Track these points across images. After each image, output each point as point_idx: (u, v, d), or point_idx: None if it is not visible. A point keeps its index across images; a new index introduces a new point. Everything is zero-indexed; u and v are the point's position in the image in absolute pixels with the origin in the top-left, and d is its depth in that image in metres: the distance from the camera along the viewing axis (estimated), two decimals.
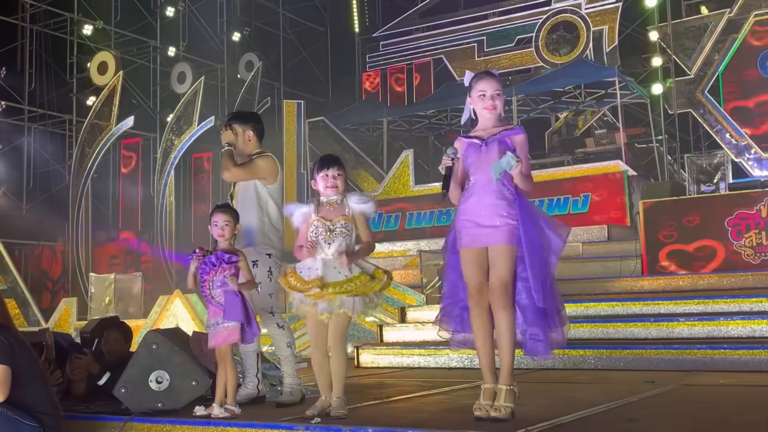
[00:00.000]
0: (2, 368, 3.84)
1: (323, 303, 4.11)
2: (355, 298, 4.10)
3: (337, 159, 4.38)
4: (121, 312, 12.25)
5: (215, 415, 4.33)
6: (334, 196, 4.28)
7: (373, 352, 8.00)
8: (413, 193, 13.88)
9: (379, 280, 4.15)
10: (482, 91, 4.00)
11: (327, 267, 4.14)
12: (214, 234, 4.52)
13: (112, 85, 15.40)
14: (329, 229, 4.20)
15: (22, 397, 3.91)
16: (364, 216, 4.25)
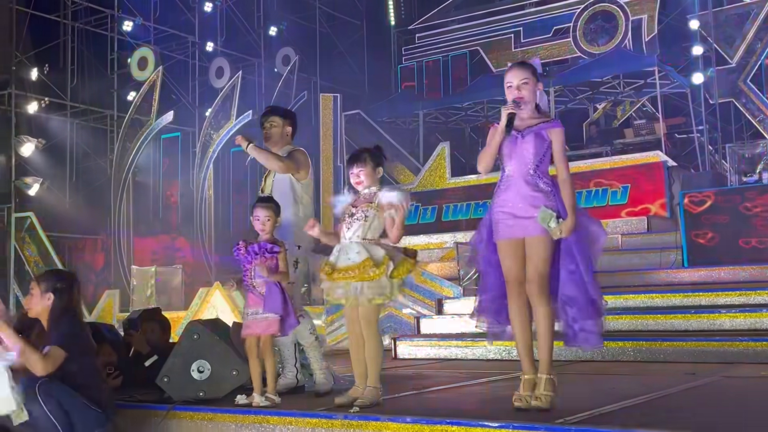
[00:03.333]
0: (61, 353, 4.03)
1: (340, 288, 4.16)
2: (363, 284, 4.13)
3: (357, 155, 4.39)
4: (162, 304, 12.46)
5: (256, 404, 4.40)
6: (366, 189, 4.32)
7: (411, 344, 8.02)
8: (450, 185, 13.85)
9: (384, 268, 4.13)
10: (509, 82, 4.00)
11: (340, 252, 4.22)
12: (256, 228, 4.60)
13: (152, 80, 15.62)
14: (351, 215, 4.26)
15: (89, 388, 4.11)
16: (392, 207, 4.25)
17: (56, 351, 4.04)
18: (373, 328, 4.25)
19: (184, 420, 4.57)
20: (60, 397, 3.93)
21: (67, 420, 3.95)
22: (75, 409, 3.98)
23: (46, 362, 4.00)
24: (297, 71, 16.98)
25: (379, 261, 4.13)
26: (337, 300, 4.28)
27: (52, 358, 4.02)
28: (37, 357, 4.01)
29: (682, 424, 3.25)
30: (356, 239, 4.21)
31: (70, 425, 3.96)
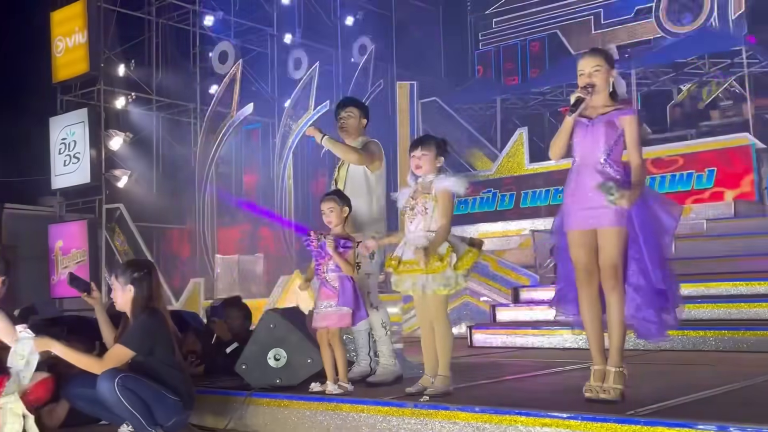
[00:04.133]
0: (127, 352, 4.20)
1: (408, 280, 4.20)
2: (428, 276, 4.15)
3: (423, 140, 4.43)
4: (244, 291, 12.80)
5: (329, 392, 4.51)
6: (426, 177, 4.34)
7: (486, 333, 8.04)
8: (528, 171, 13.69)
9: (447, 260, 4.13)
10: (581, 69, 3.95)
11: (406, 245, 4.27)
12: (324, 221, 4.67)
13: (232, 73, 15.97)
14: (411, 208, 4.29)
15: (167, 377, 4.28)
16: (445, 195, 4.24)
17: (118, 351, 4.23)
18: (442, 317, 4.29)
19: (261, 406, 4.72)
20: (138, 389, 4.11)
21: (147, 409, 4.14)
22: (153, 399, 4.16)
23: (103, 363, 4.18)
24: (373, 60, 17.05)
25: (441, 253, 4.16)
26: (406, 291, 4.33)
27: (112, 359, 4.20)
28: (91, 362, 4.22)
29: (759, 419, 3.16)
30: (419, 232, 4.24)
31: (150, 414, 4.15)
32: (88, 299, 4.53)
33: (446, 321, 4.32)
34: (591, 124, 3.90)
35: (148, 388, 4.16)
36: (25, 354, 4.00)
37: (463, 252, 4.22)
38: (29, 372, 4.07)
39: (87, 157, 14.86)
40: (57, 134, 15.50)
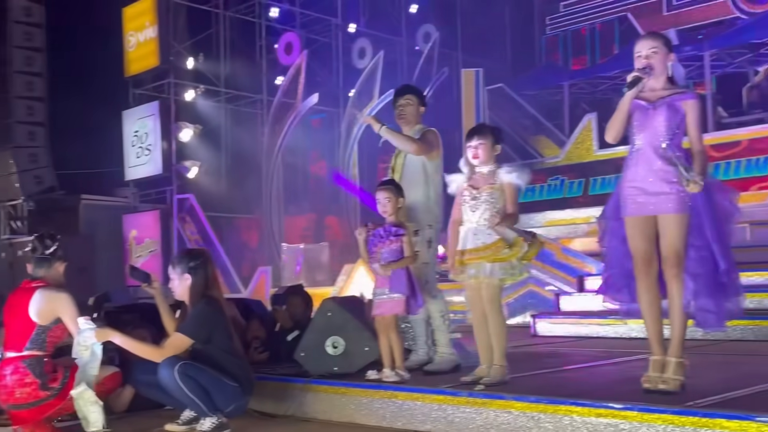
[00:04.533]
0: (185, 340, 4.30)
1: (471, 269, 4.17)
2: (493, 264, 4.12)
3: (479, 129, 4.39)
4: (310, 280, 12.97)
5: (385, 380, 4.52)
6: (484, 167, 4.30)
7: (550, 321, 7.94)
8: (597, 157, 13.41)
9: (517, 249, 4.11)
10: (637, 52, 3.85)
11: (469, 234, 4.23)
12: (379, 211, 4.68)
13: (298, 64, 16.12)
14: (474, 197, 4.25)
15: (225, 364, 4.36)
16: (512, 187, 4.24)
17: (177, 339, 4.32)
18: (496, 306, 4.25)
19: (319, 393, 4.78)
20: (197, 376, 4.20)
21: (207, 395, 4.23)
22: (212, 386, 4.25)
23: (163, 352, 4.27)
24: (438, 47, 16.96)
25: (510, 242, 4.13)
26: (467, 280, 4.29)
27: (171, 348, 4.29)
28: (151, 351, 4.32)
29: None
30: (484, 222, 4.21)
31: (210, 399, 4.24)
32: (148, 289, 4.64)
33: (500, 311, 4.28)
34: (651, 107, 3.80)
35: (207, 374, 4.25)
36: (88, 345, 4.14)
37: (530, 243, 4.18)
38: (96, 362, 4.21)
39: (158, 149, 15.25)
40: (130, 127, 15.95)
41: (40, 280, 4.36)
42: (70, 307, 4.25)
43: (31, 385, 4.15)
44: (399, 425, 4.29)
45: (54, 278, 4.41)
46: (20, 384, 4.15)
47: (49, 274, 4.41)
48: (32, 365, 4.19)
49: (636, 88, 3.75)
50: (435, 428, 4.13)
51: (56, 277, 4.42)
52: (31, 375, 4.16)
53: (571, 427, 3.58)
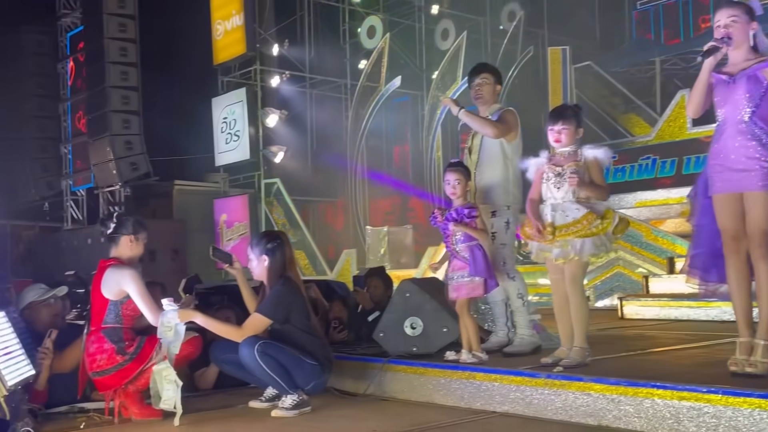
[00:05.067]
0: (264, 320, 4.40)
1: (556, 248, 4.08)
2: (584, 240, 4.01)
3: (563, 113, 4.26)
4: (394, 262, 13.03)
5: (463, 361, 4.51)
6: (563, 149, 4.20)
7: (638, 304, 7.73)
8: (691, 135, 12.93)
9: (610, 220, 3.99)
10: (717, 20, 3.67)
11: (555, 211, 4.14)
12: (447, 192, 4.64)
13: (380, 47, 16.14)
14: (558, 174, 4.16)
15: (304, 343, 4.45)
16: (597, 162, 4.13)
17: (256, 320, 4.41)
18: (578, 286, 4.16)
19: (398, 373, 4.80)
20: (277, 354, 4.29)
21: (287, 373, 4.32)
22: (292, 364, 4.34)
23: (243, 332, 4.37)
24: (523, 26, 16.66)
25: (601, 214, 4.04)
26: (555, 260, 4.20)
27: (250, 328, 4.39)
28: (232, 331, 4.43)
29: None
30: (569, 198, 4.12)
31: (290, 377, 4.33)
32: (230, 270, 4.75)
33: (582, 292, 4.18)
34: (732, 81, 3.63)
35: (286, 353, 4.33)
36: (172, 325, 4.28)
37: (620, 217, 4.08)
38: (179, 341, 4.34)
39: (246, 135, 15.60)
40: (219, 114, 16.37)
41: (112, 259, 4.53)
42: (133, 282, 4.38)
43: (108, 351, 4.33)
44: (477, 406, 4.27)
45: (126, 255, 4.54)
46: (99, 351, 4.34)
47: (119, 251, 4.55)
48: (109, 334, 4.37)
49: (713, 57, 3.59)
50: (513, 409, 4.09)
51: (127, 254, 4.54)
52: (108, 342, 4.34)
53: (652, 410, 3.48)
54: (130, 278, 4.38)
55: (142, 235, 4.58)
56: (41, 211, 18.52)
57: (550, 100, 14.78)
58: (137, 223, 4.59)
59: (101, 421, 4.39)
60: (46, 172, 18.23)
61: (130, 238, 4.52)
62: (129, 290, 4.36)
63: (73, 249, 15.17)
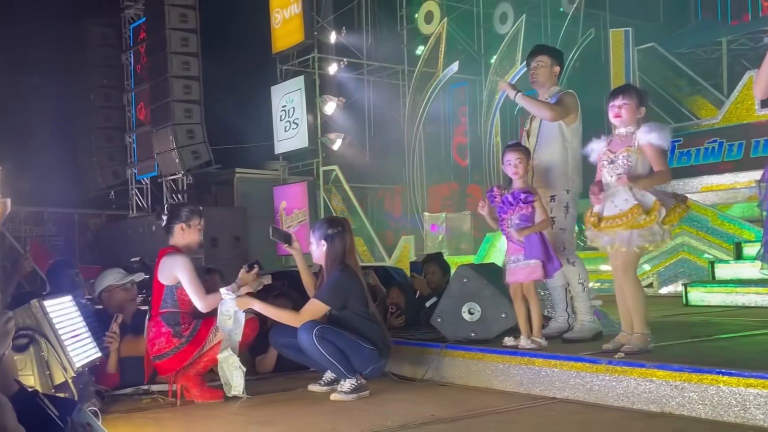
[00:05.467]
0: (322, 307, 4.45)
1: (606, 236, 4.00)
2: (631, 231, 3.91)
3: (624, 88, 4.16)
4: (453, 248, 12.99)
5: (522, 347, 4.47)
6: (621, 128, 4.10)
7: (704, 290, 7.55)
8: (760, 117, 12.52)
9: (655, 213, 3.88)
10: None
11: (606, 200, 4.05)
12: (508, 173, 4.57)
13: (438, 32, 16.04)
14: (612, 161, 4.06)
15: (362, 328, 4.48)
16: (651, 147, 3.98)
17: (313, 306, 4.46)
18: (630, 274, 4.07)
19: (456, 358, 4.78)
20: (334, 339, 4.33)
21: (345, 358, 4.35)
22: (350, 349, 4.37)
23: (300, 317, 4.42)
24: (584, 8, 16.33)
25: (648, 207, 3.93)
26: (604, 248, 4.14)
27: (308, 314, 4.44)
28: (290, 316, 4.49)
29: None
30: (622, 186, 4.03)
31: (348, 362, 4.36)
32: (289, 249, 4.82)
33: (634, 278, 4.09)
34: None
35: (344, 338, 4.36)
36: (231, 313, 4.36)
37: (671, 206, 3.96)
38: (239, 329, 4.43)
39: (304, 123, 15.71)
40: (278, 102, 16.51)
41: (169, 248, 4.63)
42: (184, 269, 4.47)
43: (166, 335, 4.44)
44: (537, 391, 4.23)
45: (180, 243, 4.63)
46: (158, 335, 4.45)
47: (174, 240, 4.64)
48: (166, 318, 4.47)
49: None
50: (573, 395, 4.04)
51: (181, 241, 4.63)
52: (165, 326, 4.45)
53: (717, 396, 3.39)
54: (181, 265, 4.47)
55: (194, 222, 4.65)
56: (107, 200, 19.01)
57: (612, 83, 14.47)
58: (189, 211, 4.68)
59: (165, 402, 4.50)
60: (111, 161, 18.68)
61: (181, 227, 4.62)
62: (180, 276, 4.46)
63: (138, 236, 15.53)
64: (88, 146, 18.71)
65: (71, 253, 15.40)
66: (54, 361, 3.64)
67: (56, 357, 3.64)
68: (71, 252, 15.99)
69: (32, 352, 3.58)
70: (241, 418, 4.06)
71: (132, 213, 17.66)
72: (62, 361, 3.65)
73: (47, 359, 3.62)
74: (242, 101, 17.08)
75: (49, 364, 3.63)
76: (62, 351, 3.68)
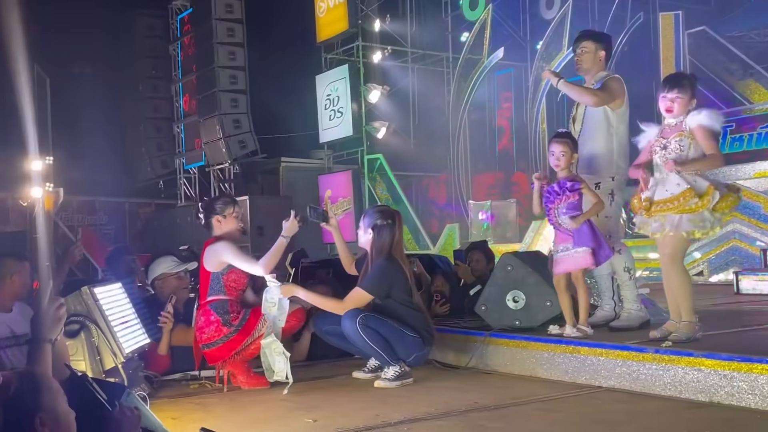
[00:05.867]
0: (365, 295, 4.48)
1: (655, 223, 3.93)
2: (681, 216, 3.84)
3: (679, 81, 4.05)
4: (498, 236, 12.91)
5: (567, 335, 4.43)
6: (671, 120, 4.02)
7: (756, 279, 7.40)
8: None
9: (708, 198, 3.80)
10: None
11: (656, 185, 3.99)
12: (551, 163, 4.52)
13: (483, 18, 15.90)
14: (663, 147, 3.98)
15: (406, 316, 4.51)
16: (702, 129, 3.90)
17: (357, 294, 4.48)
18: (677, 261, 4.00)
19: (500, 346, 4.77)
20: (378, 327, 4.36)
21: (388, 346, 4.38)
22: (393, 337, 4.40)
23: (345, 305, 4.46)
24: None
25: (701, 191, 3.85)
26: (653, 234, 4.08)
27: (352, 302, 4.47)
28: (334, 304, 4.53)
29: None
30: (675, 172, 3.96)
31: (391, 350, 4.39)
32: (326, 227, 4.92)
33: (681, 266, 4.02)
34: None
35: (388, 326, 4.38)
36: (275, 300, 4.41)
37: (724, 194, 3.87)
38: (283, 315, 4.49)
39: (349, 111, 15.73)
40: (322, 91, 16.56)
41: (212, 238, 4.70)
42: (227, 249, 4.54)
43: (215, 323, 4.50)
44: (582, 380, 4.20)
45: (220, 233, 4.70)
46: (207, 324, 4.52)
47: (215, 232, 4.71)
48: (215, 307, 4.54)
49: None
50: (619, 384, 4.00)
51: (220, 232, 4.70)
52: (215, 314, 4.51)
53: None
54: (223, 247, 4.56)
55: (229, 211, 4.71)
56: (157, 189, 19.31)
57: (662, 68, 14.20)
58: (222, 202, 4.76)
59: (212, 388, 4.57)
60: (160, 151, 18.96)
61: (217, 219, 4.69)
62: (226, 257, 4.53)
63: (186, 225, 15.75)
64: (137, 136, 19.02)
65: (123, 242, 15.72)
66: (104, 346, 3.73)
67: (106, 342, 3.73)
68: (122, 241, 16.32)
69: (83, 337, 3.67)
70: (286, 404, 4.11)
71: (180, 202, 17.92)
72: (112, 346, 3.74)
73: (98, 345, 3.71)
74: (287, 90, 17.17)
75: (99, 349, 3.72)
76: (112, 337, 3.77)
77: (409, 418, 3.54)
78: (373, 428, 3.39)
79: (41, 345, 2.43)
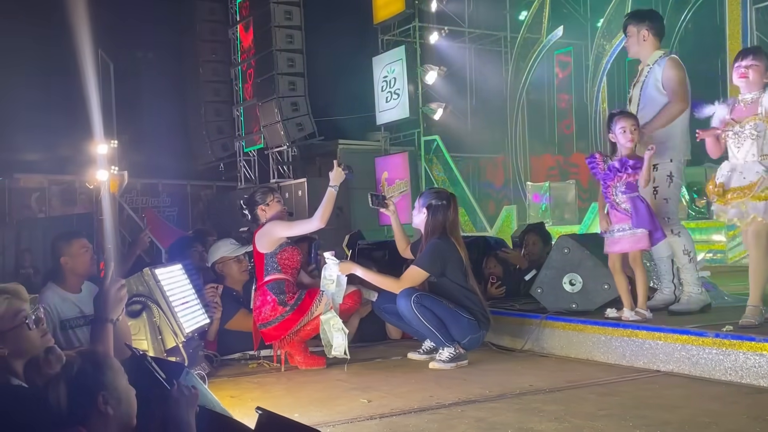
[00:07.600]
0: (421, 273, 4.48)
1: (733, 209, 3.82)
2: (765, 203, 3.72)
3: (755, 49, 3.93)
4: (557, 218, 12.76)
5: (625, 318, 4.37)
6: (747, 94, 3.88)
7: None
8: None
9: None
10: None
11: (733, 171, 3.87)
12: (621, 140, 4.37)
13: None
14: (737, 133, 3.85)
15: (461, 298, 4.51)
16: None
17: (413, 272, 4.50)
18: (759, 245, 3.86)
19: (556, 330, 4.73)
20: (433, 306, 4.37)
21: (443, 326, 4.39)
22: (448, 317, 4.40)
23: (401, 283, 4.48)
24: None
25: None
26: (731, 221, 3.97)
27: (408, 279, 4.48)
28: (390, 282, 4.54)
29: None
30: (752, 158, 3.84)
31: (446, 330, 4.40)
32: (384, 211, 4.99)
33: (761, 251, 3.88)
34: None
35: (443, 306, 4.39)
36: (334, 278, 4.48)
37: None
38: (341, 292, 4.57)
39: (405, 93, 15.70)
40: (379, 72, 16.56)
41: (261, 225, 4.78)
42: (277, 225, 4.64)
43: (271, 303, 4.59)
44: (640, 364, 4.14)
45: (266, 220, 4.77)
46: (264, 303, 4.61)
47: (263, 220, 4.78)
48: (272, 287, 4.63)
49: None
50: (678, 369, 3.93)
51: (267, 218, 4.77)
52: (271, 294, 4.60)
53: None
54: (272, 225, 4.68)
55: (270, 198, 4.81)
56: (217, 172, 19.66)
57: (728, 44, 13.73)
58: (260, 193, 4.87)
59: (270, 367, 4.66)
60: (220, 134, 19.28)
61: (261, 208, 4.79)
62: (279, 233, 4.62)
63: None
64: (197, 120, 19.37)
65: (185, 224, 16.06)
66: (165, 326, 3.83)
67: (167, 322, 3.83)
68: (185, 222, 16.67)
69: (145, 317, 3.78)
70: (342, 383, 4.16)
71: (240, 185, 18.20)
72: (173, 326, 3.84)
73: (159, 324, 3.81)
74: (344, 73, 17.23)
75: (160, 329, 3.82)
76: (173, 317, 3.87)
77: (463, 400, 3.55)
78: (427, 409, 3.41)
79: (103, 325, 2.52)
